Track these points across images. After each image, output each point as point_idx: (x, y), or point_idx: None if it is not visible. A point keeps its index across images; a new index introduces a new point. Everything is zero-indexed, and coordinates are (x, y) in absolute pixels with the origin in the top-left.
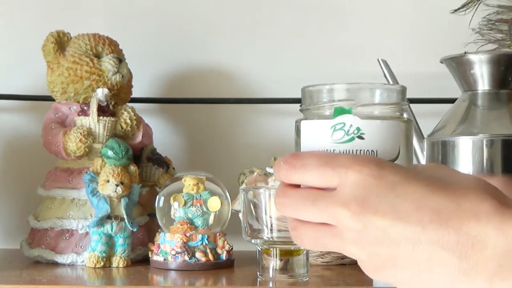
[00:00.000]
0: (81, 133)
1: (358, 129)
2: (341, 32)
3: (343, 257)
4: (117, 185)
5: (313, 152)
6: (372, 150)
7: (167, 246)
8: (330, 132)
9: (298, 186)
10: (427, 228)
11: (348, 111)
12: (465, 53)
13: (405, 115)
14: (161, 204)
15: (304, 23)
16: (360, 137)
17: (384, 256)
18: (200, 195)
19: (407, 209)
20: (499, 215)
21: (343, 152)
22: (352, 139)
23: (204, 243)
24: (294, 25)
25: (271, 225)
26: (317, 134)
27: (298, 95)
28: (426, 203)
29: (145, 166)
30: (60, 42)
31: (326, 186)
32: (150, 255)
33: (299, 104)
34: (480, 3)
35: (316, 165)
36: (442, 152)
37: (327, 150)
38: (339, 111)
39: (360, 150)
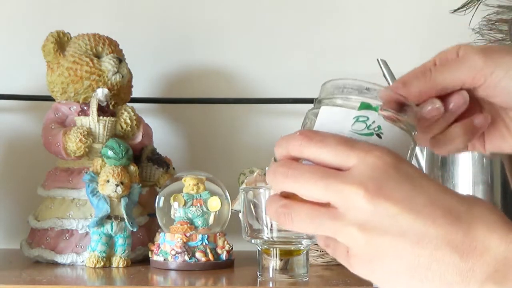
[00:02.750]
0: (81, 133)
1: (379, 127)
2: (341, 32)
3: None
4: (117, 185)
5: (332, 133)
6: None
7: (167, 246)
8: (352, 122)
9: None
10: (437, 223)
11: (374, 108)
12: None
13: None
14: (161, 204)
15: (304, 23)
16: (379, 136)
17: (385, 245)
18: (200, 195)
19: (421, 202)
20: (505, 227)
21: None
22: (371, 134)
23: (204, 243)
24: (294, 25)
25: (271, 225)
26: (337, 120)
27: (298, 95)
28: (439, 200)
29: (145, 166)
30: (60, 42)
31: (341, 165)
32: (150, 255)
33: (314, 99)
34: (480, 3)
35: (336, 143)
36: None
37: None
38: (366, 106)
39: None
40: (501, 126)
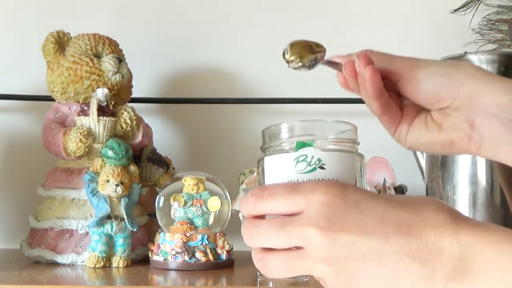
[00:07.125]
0: (81, 133)
1: (319, 160)
2: (341, 33)
3: None
4: (117, 185)
5: (278, 183)
6: (332, 179)
7: (167, 246)
8: (293, 164)
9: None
10: (391, 238)
11: (309, 144)
12: (465, 53)
13: (358, 151)
14: (161, 204)
15: (304, 23)
16: (322, 167)
17: (352, 271)
18: (200, 195)
19: (371, 223)
20: (454, 224)
21: (307, 181)
22: (314, 169)
23: (204, 243)
24: (294, 25)
25: None
26: (281, 167)
27: (298, 95)
28: (388, 216)
29: (145, 166)
30: (60, 42)
31: (294, 211)
32: (150, 255)
33: (260, 146)
34: (480, 3)
35: (283, 192)
36: None
37: (291, 180)
38: (301, 145)
39: (322, 179)
40: (422, 121)
